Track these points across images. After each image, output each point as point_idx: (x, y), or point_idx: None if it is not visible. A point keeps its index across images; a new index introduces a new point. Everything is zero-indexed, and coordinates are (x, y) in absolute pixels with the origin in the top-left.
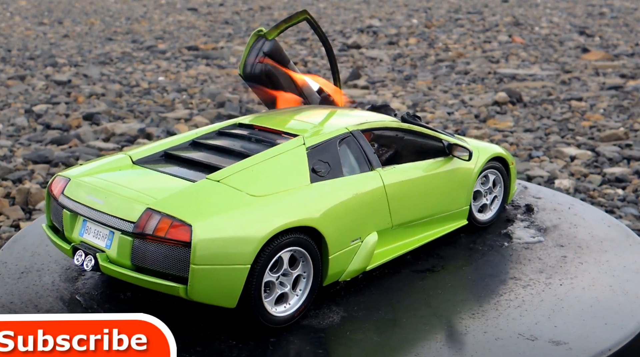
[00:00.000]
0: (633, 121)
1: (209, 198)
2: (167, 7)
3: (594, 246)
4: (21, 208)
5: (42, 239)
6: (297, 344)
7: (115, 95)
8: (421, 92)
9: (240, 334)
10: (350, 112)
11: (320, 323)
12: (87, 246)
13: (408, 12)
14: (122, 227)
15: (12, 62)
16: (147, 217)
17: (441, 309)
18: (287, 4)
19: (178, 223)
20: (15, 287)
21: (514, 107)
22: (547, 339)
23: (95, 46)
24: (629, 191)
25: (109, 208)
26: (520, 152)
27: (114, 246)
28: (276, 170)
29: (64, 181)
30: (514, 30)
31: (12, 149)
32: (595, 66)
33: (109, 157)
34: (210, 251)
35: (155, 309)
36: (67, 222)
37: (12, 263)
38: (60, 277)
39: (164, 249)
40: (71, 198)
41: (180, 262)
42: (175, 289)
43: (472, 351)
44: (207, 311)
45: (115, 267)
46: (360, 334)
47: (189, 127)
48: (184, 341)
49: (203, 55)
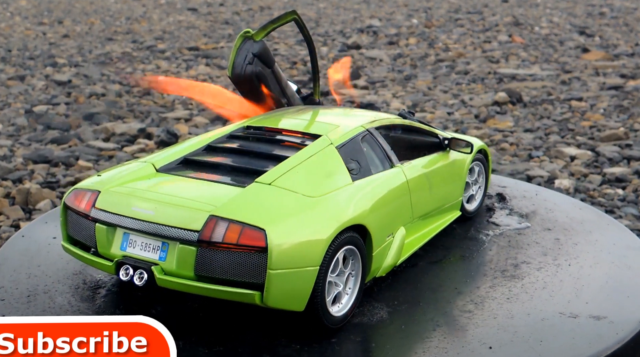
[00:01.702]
0: (633, 121)
1: (269, 201)
2: (167, 7)
3: (577, 227)
4: (21, 208)
5: (29, 258)
6: (360, 342)
7: (115, 95)
8: (421, 92)
9: (299, 338)
10: (351, 111)
11: (371, 320)
12: (135, 260)
13: (408, 12)
14: (183, 236)
15: (12, 62)
16: (213, 225)
17: (476, 296)
18: (286, 4)
19: (250, 229)
20: (30, 312)
21: (514, 107)
22: (586, 315)
23: (95, 46)
24: (629, 191)
25: (163, 218)
26: (520, 152)
27: (172, 257)
28: (319, 170)
29: (90, 193)
30: (514, 30)
31: (12, 149)
32: (595, 66)
33: (127, 166)
34: (285, 255)
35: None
36: (103, 236)
37: (11, 287)
38: (75, 297)
39: (234, 256)
40: (108, 211)
41: (254, 268)
42: (250, 297)
43: (527, 333)
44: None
45: (174, 279)
46: (415, 327)
47: (189, 128)
48: (249, 350)
49: (203, 55)
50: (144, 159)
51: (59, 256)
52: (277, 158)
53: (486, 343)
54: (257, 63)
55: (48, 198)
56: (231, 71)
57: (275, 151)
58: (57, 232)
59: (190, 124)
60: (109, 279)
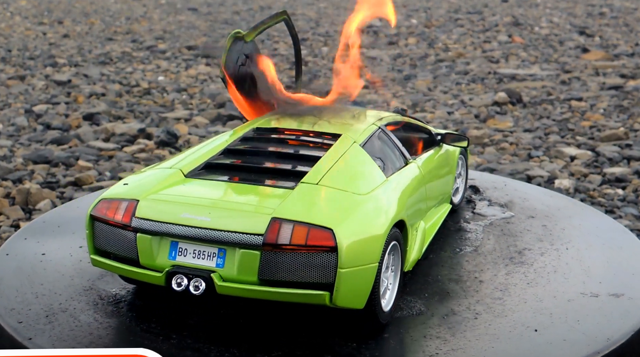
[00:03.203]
0: (633, 121)
1: (324, 201)
2: (167, 7)
3: (557, 213)
4: (21, 208)
5: (26, 276)
6: (411, 336)
7: (115, 95)
8: (421, 92)
9: (349, 337)
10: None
11: (411, 313)
12: (189, 269)
13: (408, 12)
14: (245, 241)
15: (12, 62)
16: (278, 227)
17: (498, 283)
18: (286, 4)
19: (316, 229)
20: (57, 332)
21: (514, 107)
22: (606, 294)
23: (95, 46)
24: (629, 191)
25: (221, 224)
26: (520, 152)
27: (232, 264)
28: (355, 168)
29: (127, 202)
30: (514, 30)
31: (12, 149)
32: (595, 66)
33: (153, 172)
34: (352, 253)
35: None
36: (147, 247)
37: (23, 309)
38: (99, 313)
39: (301, 258)
40: (154, 219)
41: (322, 268)
42: (319, 297)
43: (562, 314)
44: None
45: (236, 285)
46: (457, 317)
47: (189, 128)
48: (309, 352)
49: (203, 54)
50: (166, 165)
51: (58, 272)
52: (306, 158)
53: (530, 326)
54: (249, 64)
55: (48, 198)
56: (223, 73)
57: (301, 151)
58: (42, 248)
59: (190, 124)
60: (126, 292)
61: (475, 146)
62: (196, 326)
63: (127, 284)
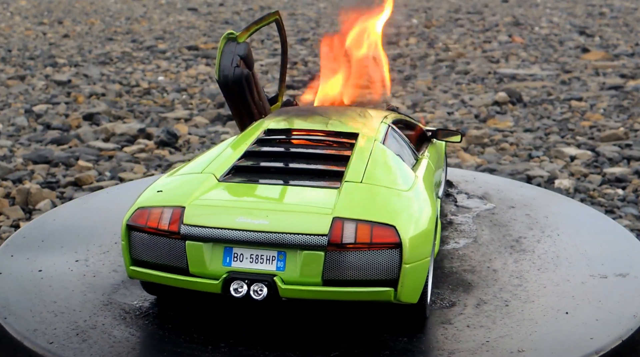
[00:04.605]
0: (633, 121)
1: (375, 199)
2: (167, 7)
3: (533, 203)
4: (21, 208)
5: (34, 295)
6: (455, 326)
7: (115, 95)
8: (421, 92)
9: (398, 332)
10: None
11: (444, 304)
12: (248, 274)
13: (408, 12)
14: (308, 242)
15: (12, 62)
16: (341, 227)
17: (511, 271)
18: (286, 4)
19: (379, 226)
20: (97, 350)
21: (514, 107)
22: (613, 275)
23: (95, 46)
24: (629, 191)
25: (281, 226)
26: (520, 152)
27: (294, 266)
28: (388, 165)
29: (171, 210)
30: (514, 30)
31: (12, 149)
32: (595, 66)
33: (186, 177)
34: (414, 248)
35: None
36: (198, 254)
37: (46, 328)
38: (132, 327)
39: (365, 256)
40: (206, 225)
41: (386, 264)
42: (385, 294)
43: (583, 296)
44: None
45: (301, 287)
46: (488, 306)
47: (189, 127)
48: (366, 350)
49: (203, 54)
50: (195, 170)
51: (66, 289)
52: (334, 158)
53: (560, 309)
54: (243, 65)
55: (48, 198)
56: (219, 74)
57: (326, 151)
58: (35, 265)
59: (190, 124)
60: (149, 304)
61: (475, 146)
62: (240, 332)
63: (147, 296)
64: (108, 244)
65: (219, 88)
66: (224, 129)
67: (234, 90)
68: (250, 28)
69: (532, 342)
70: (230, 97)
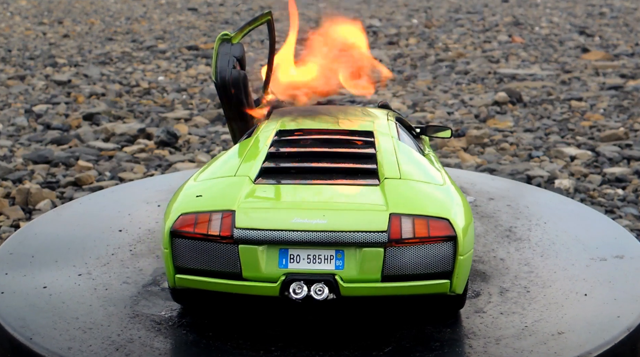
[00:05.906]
0: (633, 121)
1: (420, 194)
2: (167, 7)
3: (509, 194)
4: (21, 208)
5: (52, 313)
6: (488, 317)
7: (115, 95)
8: (421, 92)
9: (437, 323)
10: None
11: (472, 295)
12: (308, 275)
13: (408, 12)
14: (367, 239)
15: (12, 62)
16: (399, 222)
17: (518, 260)
18: (286, 4)
19: (434, 220)
20: None
21: (514, 107)
22: (611, 257)
23: (95, 46)
24: (629, 190)
25: (339, 224)
26: (520, 152)
27: (353, 264)
28: (414, 161)
29: (221, 214)
30: (514, 30)
31: (12, 149)
32: (595, 66)
33: (223, 181)
34: (466, 240)
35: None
36: (252, 257)
37: (81, 346)
38: (170, 339)
39: (423, 250)
40: (260, 228)
41: (442, 257)
42: (441, 286)
43: (594, 278)
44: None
45: (361, 284)
46: (512, 294)
47: (189, 127)
48: (401, 349)
49: (203, 54)
50: (228, 173)
51: (83, 304)
52: (359, 156)
53: (578, 292)
54: (238, 67)
55: (48, 198)
56: (216, 76)
57: (349, 150)
58: (37, 282)
59: (190, 124)
60: (177, 313)
61: (475, 146)
62: (283, 336)
63: (173, 306)
64: (105, 256)
65: (216, 90)
66: (224, 129)
67: (231, 91)
68: (244, 29)
69: (567, 324)
70: (226, 99)
